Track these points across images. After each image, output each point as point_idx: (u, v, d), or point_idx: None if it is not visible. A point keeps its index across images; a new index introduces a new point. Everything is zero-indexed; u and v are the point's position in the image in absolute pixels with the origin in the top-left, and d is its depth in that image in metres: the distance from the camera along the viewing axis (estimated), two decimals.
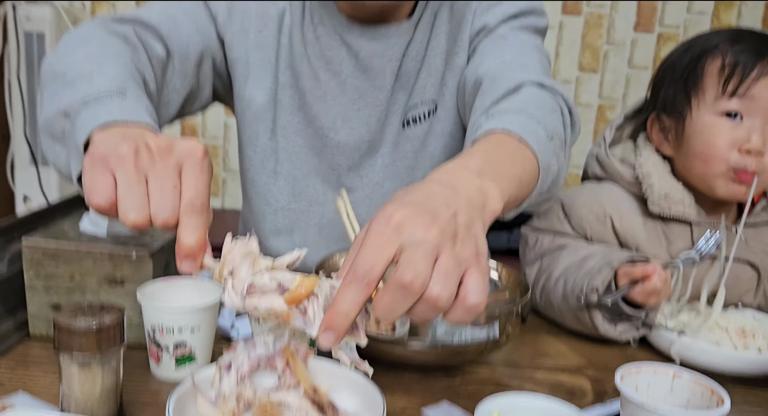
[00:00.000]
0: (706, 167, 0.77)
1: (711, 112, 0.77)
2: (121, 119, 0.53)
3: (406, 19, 0.83)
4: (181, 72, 0.78)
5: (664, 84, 0.82)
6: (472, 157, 0.54)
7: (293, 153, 0.88)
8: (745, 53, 0.76)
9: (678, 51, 0.83)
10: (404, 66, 0.85)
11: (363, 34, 0.82)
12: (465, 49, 0.84)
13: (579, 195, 0.83)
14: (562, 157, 0.67)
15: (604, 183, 0.83)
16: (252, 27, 0.83)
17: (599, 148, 0.85)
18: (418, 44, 0.84)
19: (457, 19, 0.84)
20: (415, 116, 0.86)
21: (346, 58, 0.84)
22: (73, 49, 0.65)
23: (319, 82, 0.85)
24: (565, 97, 0.71)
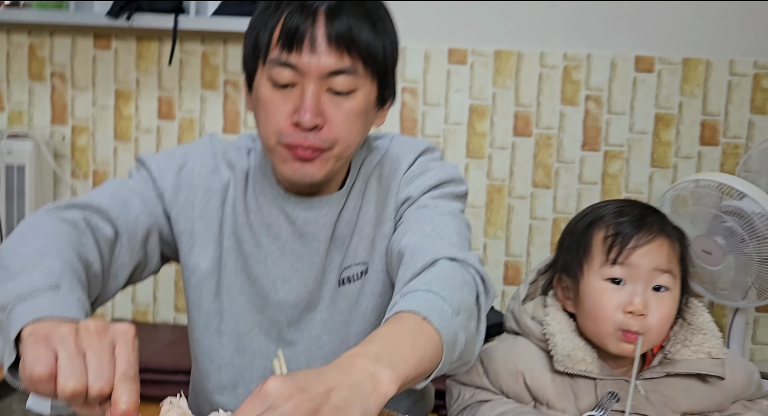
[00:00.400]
0: (597, 327, 0.85)
1: (598, 277, 0.87)
2: (50, 314, 0.61)
3: (337, 190, 0.93)
4: (129, 248, 0.86)
5: (564, 247, 0.91)
6: (374, 343, 0.62)
7: (237, 312, 0.95)
8: (626, 225, 0.87)
9: (576, 218, 0.93)
10: (338, 231, 0.94)
11: (299, 203, 0.92)
12: (391, 218, 0.93)
13: (496, 351, 0.90)
14: (473, 326, 0.75)
15: (518, 338, 0.91)
16: (197, 201, 0.93)
17: (514, 303, 0.93)
18: (350, 211, 0.94)
19: (384, 189, 0.94)
20: (349, 275, 0.94)
21: (285, 225, 0.93)
22: (21, 242, 0.74)
23: (260, 246, 0.93)
24: (477, 268, 0.79)
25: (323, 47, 0.81)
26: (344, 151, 0.86)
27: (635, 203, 0.93)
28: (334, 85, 0.82)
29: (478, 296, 0.77)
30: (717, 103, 1.95)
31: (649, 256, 0.86)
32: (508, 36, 1.96)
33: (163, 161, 0.93)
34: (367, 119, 0.88)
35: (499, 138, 1.99)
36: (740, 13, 1.92)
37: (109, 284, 0.85)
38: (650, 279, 0.85)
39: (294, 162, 0.85)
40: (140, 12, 1.82)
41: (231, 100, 2.01)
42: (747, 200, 1.60)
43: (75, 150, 2.04)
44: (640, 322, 0.83)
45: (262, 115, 0.85)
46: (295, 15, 0.81)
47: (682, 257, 0.89)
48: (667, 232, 0.88)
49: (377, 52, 0.84)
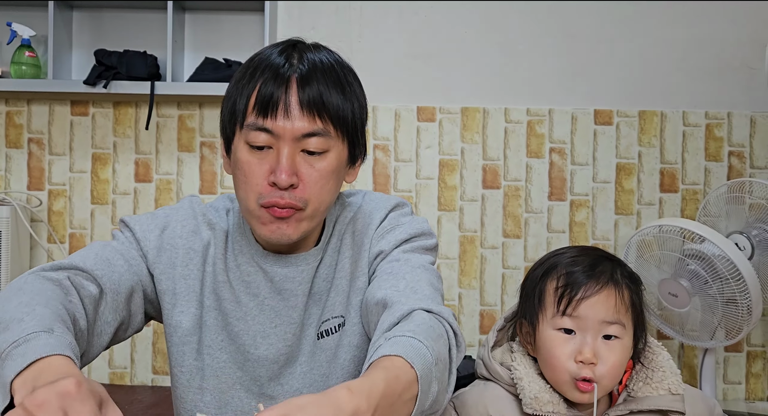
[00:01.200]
0: (554, 374, 0.89)
1: (551, 326, 0.90)
2: (46, 354, 0.64)
3: (314, 247, 0.97)
4: (113, 306, 0.89)
5: (523, 295, 0.96)
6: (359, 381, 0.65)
7: (218, 369, 0.97)
8: (576, 275, 0.90)
9: (535, 265, 0.97)
10: (315, 286, 0.97)
11: (277, 261, 0.95)
12: (365, 272, 0.97)
13: (468, 396, 0.93)
14: (445, 378, 0.78)
15: (489, 383, 0.94)
16: (179, 261, 0.96)
17: (483, 350, 0.96)
18: (326, 267, 0.97)
19: (358, 244, 0.98)
20: (327, 328, 0.97)
21: (263, 283, 0.96)
22: (9, 299, 0.77)
23: (240, 304, 0.96)
24: (450, 322, 0.83)
25: (296, 112, 0.86)
26: (317, 210, 0.90)
27: (591, 250, 0.96)
28: (307, 146, 0.87)
29: (450, 349, 0.80)
30: (674, 152, 2.05)
31: (596, 307, 0.88)
32: (474, 94, 2.06)
33: (145, 223, 0.97)
34: (338, 178, 0.92)
35: (469, 191, 2.06)
36: (690, 68, 2.04)
37: (94, 341, 0.87)
38: (599, 329, 0.88)
39: (271, 224, 0.88)
40: (117, 79, 1.88)
41: (207, 162, 2.06)
42: (707, 243, 1.67)
43: (52, 214, 2.05)
44: (592, 370, 0.87)
45: (241, 177, 0.89)
46: (269, 83, 0.86)
47: (633, 304, 0.91)
48: (616, 281, 0.90)
49: (347, 115, 0.89)
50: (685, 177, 2.05)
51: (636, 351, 0.93)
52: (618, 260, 0.95)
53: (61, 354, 0.64)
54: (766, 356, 2.04)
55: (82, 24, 2.04)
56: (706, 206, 1.88)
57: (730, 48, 2.04)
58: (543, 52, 2.05)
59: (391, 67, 2.04)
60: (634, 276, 0.95)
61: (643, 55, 2.05)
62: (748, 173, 2.03)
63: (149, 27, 2.01)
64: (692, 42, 2.04)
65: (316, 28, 1.99)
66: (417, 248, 0.96)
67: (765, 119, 2.04)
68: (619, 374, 0.90)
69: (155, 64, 1.94)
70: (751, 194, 1.79)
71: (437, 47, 2.05)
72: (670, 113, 2.05)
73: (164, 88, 1.90)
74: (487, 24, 2.05)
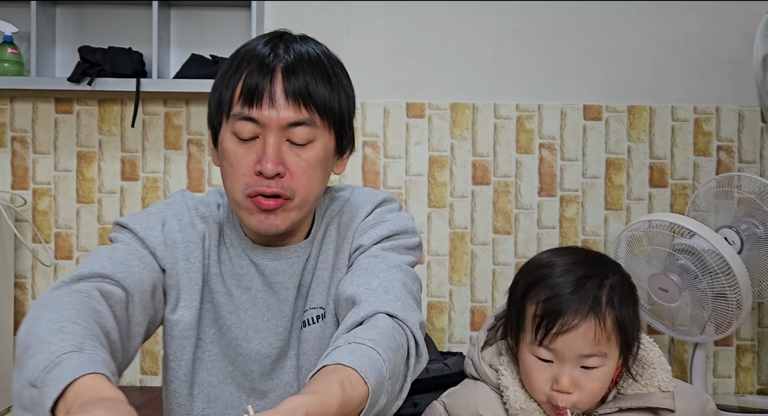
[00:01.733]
0: (533, 394, 0.88)
1: (529, 351, 0.87)
2: (79, 374, 0.62)
3: (304, 240, 0.96)
4: (141, 306, 0.87)
5: (510, 304, 0.93)
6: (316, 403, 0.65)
7: (209, 362, 0.96)
8: (555, 303, 0.85)
9: (523, 272, 0.94)
10: (303, 279, 0.97)
11: (267, 254, 0.95)
12: (345, 265, 0.97)
13: (458, 396, 0.92)
14: (396, 390, 0.79)
15: (478, 383, 0.93)
16: (180, 256, 0.95)
17: (473, 349, 0.95)
18: (313, 260, 0.97)
19: (341, 237, 0.98)
20: (308, 318, 0.97)
21: (255, 276, 0.95)
22: (38, 317, 0.74)
23: (231, 297, 0.95)
24: (413, 331, 0.82)
25: (281, 102, 0.86)
26: (305, 200, 0.89)
27: (578, 264, 0.88)
28: (293, 136, 0.87)
29: (409, 358, 0.81)
30: (663, 147, 2.05)
31: (573, 342, 0.84)
32: (463, 90, 2.05)
33: (144, 221, 0.95)
34: (326, 168, 0.92)
35: (459, 187, 2.05)
36: (679, 63, 2.04)
37: (128, 346, 0.85)
38: (577, 361, 0.85)
39: (259, 214, 0.88)
40: (102, 76, 1.86)
41: (195, 159, 2.04)
42: (697, 238, 1.67)
43: (36, 214, 2.03)
44: (567, 398, 0.84)
45: (228, 167, 0.89)
46: (254, 74, 0.86)
47: (619, 328, 0.86)
48: (597, 311, 0.85)
49: (333, 106, 0.89)
50: (674, 172, 2.05)
51: (627, 365, 0.90)
52: (607, 272, 0.89)
53: (94, 372, 0.63)
54: (755, 350, 2.05)
55: (65, 20, 2.01)
56: (696, 200, 1.88)
57: (718, 43, 2.04)
58: (532, 47, 2.05)
59: (379, 64, 2.02)
60: (626, 287, 0.89)
61: (632, 51, 2.04)
62: (737, 168, 2.04)
63: (134, 23, 1.99)
64: (681, 37, 2.04)
65: (304, 24, 1.97)
66: (397, 246, 0.95)
67: (753, 114, 2.04)
68: (598, 397, 0.88)
69: (141, 61, 1.92)
70: (739, 188, 1.80)
71: (426, 43, 2.04)
72: (659, 108, 2.05)
73: (150, 85, 1.87)
74: (475, 20, 2.04)
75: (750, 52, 1.99)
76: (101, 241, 2.03)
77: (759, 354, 2.05)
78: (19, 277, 2.02)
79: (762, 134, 2.05)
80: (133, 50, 1.92)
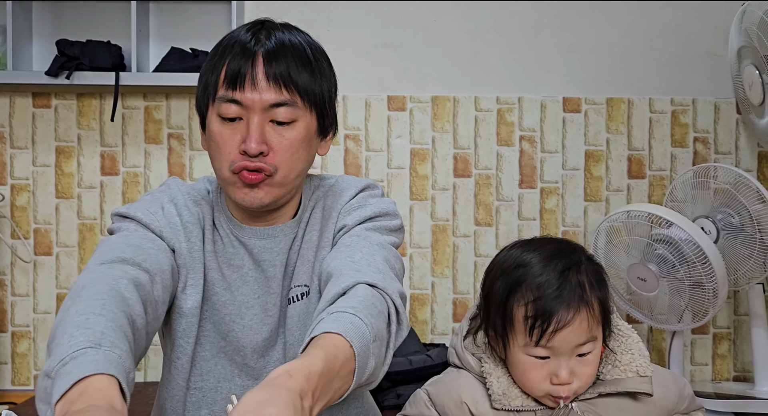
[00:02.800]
0: (528, 391, 0.90)
1: (522, 352, 0.87)
2: (90, 373, 0.64)
3: (291, 219, 1.00)
4: (163, 286, 0.90)
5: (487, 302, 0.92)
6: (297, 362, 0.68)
7: (203, 337, 1.00)
8: (544, 303, 0.85)
9: (495, 272, 0.92)
10: (290, 258, 1.01)
11: (254, 234, 0.99)
12: (329, 244, 1.01)
13: (441, 384, 0.93)
14: (382, 354, 0.82)
15: (461, 371, 0.94)
16: (182, 237, 0.98)
17: (456, 338, 0.96)
18: (299, 239, 1.00)
19: (326, 218, 1.02)
20: (293, 295, 1.00)
21: (245, 255, 0.99)
22: (67, 310, 0.76)
23: (224, 275, 0.99)
24: (393, 299, 0.85)
25: (263, 84, 0.90)
26: (286, 177, 0.93)
27: (552, 257, 0.89)
28: (275, 116, 0.91)
29: (390, 324, 0.84)
30: (641, 138, 2.08)
31: (571, 336, 0.85)
32: (444, 83, 2.06)
33: (144, 208, 0.97)
34: (309, 148, 0.96)
35: (440, 180, 2.06)
36: (656, 56, 2.07)
37: (154, 326, 0.88)
38: (574, 351, 0.86)
39: (244, 188, 0.93)
40: (80, 70, 1.84)
41: (175, 153, 2.03)
42: (674, 228, 1.70)
43: (15, 210, 2.00)
44: (567, 388, 0.86)
45: (215, 148, 0.94)
46: (237, 58, 0.91)
47: (603, 310, 0.88)
48: (586, 301, 0.86)
49: (314, 89, 0.94)
50: (651, 163, 2.08)
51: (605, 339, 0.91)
52: (579, 257, 0.90)
53: (104, 373, 0.64)
54: (731, 338, 2.09)
55: (42, 13, 1.99)
56: (673, 191, 1.91)
57: (694, 36, 2.07)
58: (512, 40, 2.06)
59: (360, 57, 2.03)
60: (599, 274, 0.91)
61: (611, 44, 2.07)
62: (713, 159, 2.07)
63: (113, 16, 1.96)
64: (658, 30, 2.07)
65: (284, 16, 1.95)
66: (380, 227, 0.99)
67: (728, 106, 2.08)
68: (592, 379, 0.90)
69: (119, 55, 1.90)
70: (715, 179, 1.83)
71: (407, 36, 2.05)
72: (637, 100, 2.07)
73: (129, 78, 1.86)
74: (456, 13, 2.05)
75: (726, 45, 2.02)
76: (81, 237, 2.01)
77: (735, 341, 2.09)
78: None
79: (737, 126, 2.08)
80: (112, 43, 1.90)
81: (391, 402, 1.64)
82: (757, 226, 1.73)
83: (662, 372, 0.95)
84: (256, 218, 0.99)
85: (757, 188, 1.73)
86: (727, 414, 1.75)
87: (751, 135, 2.06)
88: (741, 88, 1.95)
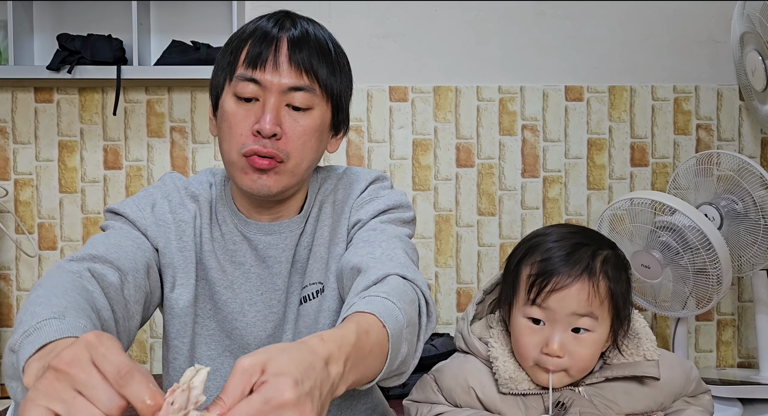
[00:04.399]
0: (520, 359, 0.90)
1: (521, 314, 0.89)
2: (56, 337, 0.61)
3: (296, 215, 0.98)
4: (135, 285, 0.87)
5: (504, 274, 0.95)
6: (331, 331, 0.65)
7: (207, 336, 0.99)
8: (549, 263, 0.87)
9: (519, 243, 0.95)
10: (297, 254, 0.99)
11: (260, 229, 0.97)
12: (344, 240, 0.99)
13: (448, 369, 0.93)
14: (414, 342, 0.79)
15: (468, 356, 0.94)
16: (173, 236, 0.96)
17: (463, 323, 0.97)
18: (308, 235, 0.99)
19: (337, 213, 1.00)
20: (307, 294, 0.99)
21: (248, 251, 0.97)
22: (29, 297, 0.74)
23: (225, 273, 0.98)
24: (423, 291, 0.83)
25: (285, 67, 0.89)
26: (297, 165, 0.92)
27: (575, 234, 0.91)
28: (292, 100, 0.90)
29: (420, 316, 0.82)
30: (643, 126, 2.07)
31: (566, 300, 0.85)
32: (445, 73, 2.06)
33: (134, 205, 0.96)
34: (321, 139, 0.94)
35: (443, 170, 2.06)
36: (658, 43, 2.06)
37: (128, 326, 0.85)
38: (569, 322, 0.86)
39: (252, 173, 0.90)
40: (82, 64, 1.84)
41: (178, 147, 2.03)
42: (678, 214, 1.70)
43: (18, 205, 2.01)
44: (557, 362, 0.86)
45: (226, 129, 0.91)
46: (259, 42, 0.90)
47: (611, 295, 0.88)
48: (591, 272, 0.86)
49: (333, 84, 0.93)
50: (654, 151, 2.08)
51: (615, 338, 0.91)
52: (602, 245, 0.91)
53: (71, 335, 0.62)
54: (735, 324, 2.09)
55: (43, 7, 1.99)
56: (676, 178, 1.91)
57: (696, 23, 2.06)
58: (513, 29, 2.06)
59: (361, 48, 2.02)
60: (619, 261, 0.91)
61: (612, 32, 2.06)
62: (716, 146, 2.07)
63: (113, 10, 1.96)
64: (660, 17, 2.06)
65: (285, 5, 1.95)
66: (394, 219, 0.98)
67: (731, 92, 2.07)
68: (589, 366, 0.89)
69: (121, 48, 1.90)
70: (719, 166, 1.83)
71: (408, 26, 2.04)
72: (639, 88, 2.07)
73: (131, 72, 1.86)
74: (457, 2, 2.04)
75: (728, 32, 2.02)
76: (85, 231, 2.02)
77: (739, 328, 2.09)
78: (3, 268, 2.01)
79: (740, 112, 2.08)
80: (113, 37, 1.90)
81: (396, 391, 1.65)
82: (761, 212, 1.73)
83: (669, 355, 0.96)
84: (262, 211, 0.97)
85: (761, 174, 1.73)
86: (732, 400, 1.76)
87: (754, 121, 2.06)
88: (744, 74, 1.95)
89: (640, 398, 0.91)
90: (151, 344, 2.04)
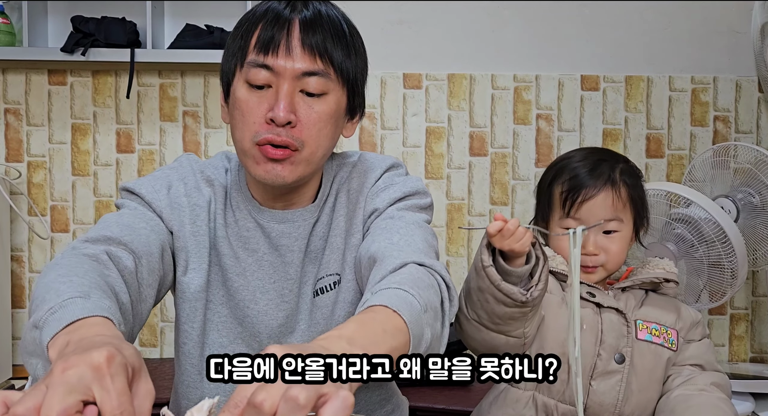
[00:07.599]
0: (565, 263, 1.07)
1: (558, 226, 1.08)
2: (83, 316, 0.61)
3: (310, 204, 0.96)
4: (149, 268, 0.87)
5: (538, 198, 1.13)
6: (347, 327, 0.64)
7: (219, 323, 0.98)
8: (576, 180, 1.06)
9: (547, 169, 1.14)
10: (311, 244, 0.97)
11: (273, 217, 0.96)
12: (360, 229, 0.97)
13: None
14: (438, 326, 0.77)
15: None
16: (187, 219, 0.95)
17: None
18: (323, 225, 0.97)
19: (353, 202, 0.98)
20: (323, 286, 0.97)
21: (261, 239, 0.96)
22: (46, 274, 0.74)
23: (238, 260, 0.96)
24: (442, 275, 0.82)
25: (297, 51, 0.86)
26: (313, 153, 0.89)
27: (595, 153, 1.11)
28: (306, 86, 0.87)
29: (443, 301, 0.80)
30: (660, 117, 2.05)
31: (596, 208, 1.05)
32: (460, 60, 2.04)
33: (150, 185, 0.95)
34: (336, 125, 0.91)
35: (456, 158, 2.04)
36: (676, 33, 2.03)
37: (141, 308, 0.85)
38: (600, 226, 1.04)
39: (266, 163, 0.88)
40: (95, 46, 1.84)
41: (190, 131, 2.02)
42: (694, 206, 1.68)
43: (31, 187, 2.01)
44: (595, 259, 1.06)
45: (238, 116, 0.88)
46: (270, 25, 0.87)
47: (631, 198, 1.07)
48: (613, 182, 1.06)
49: (348, 65, 0.89)
50: (670, 142, 2.05)
51: (638, 236, 1.11)
52: (618, 159, 1.10)
53: (98, 315, 0.62)
54: (749, 319, 2.07)
55: None
56: (692, 170, 1.89)
57: (715, 12, 2.03)
58: (529, 18, 2.03)
59: (375, 34, 2.01)
60: (634, 171, 1.10)
61: (629, 21, 2.03)
62: (733, 138, 2.04)
63: None
64: (678, 7, 2.03)
65: None
66: (411, 206, 0.96)
67: (750, 84, 2.04)
68: (621, 259, 1.08)
69: (135, 31, 1.89)
70: (735, 158, 1.80)
71: (423, 13, 2.02)
72: (656, 78, 2.04)
73: (145, 55, 1.85)
74: None
75: (748, 22, 1.98)
76: (97, 214, 2.02)
77: (752, 322, 2.07)
78: (16, 250, 2.01)
79: (759, 104, 2.05)
80: (127, 20, 1.89)
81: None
82: None
83: (682, 304, 1.13)
84: (276, 199, 0.95)
85: None
86: (744, 394, 1.74)
87: None
88: (763, 65, 1.92)
89: (655, 304, 1.09)
90: (161, 328, 2.04)
